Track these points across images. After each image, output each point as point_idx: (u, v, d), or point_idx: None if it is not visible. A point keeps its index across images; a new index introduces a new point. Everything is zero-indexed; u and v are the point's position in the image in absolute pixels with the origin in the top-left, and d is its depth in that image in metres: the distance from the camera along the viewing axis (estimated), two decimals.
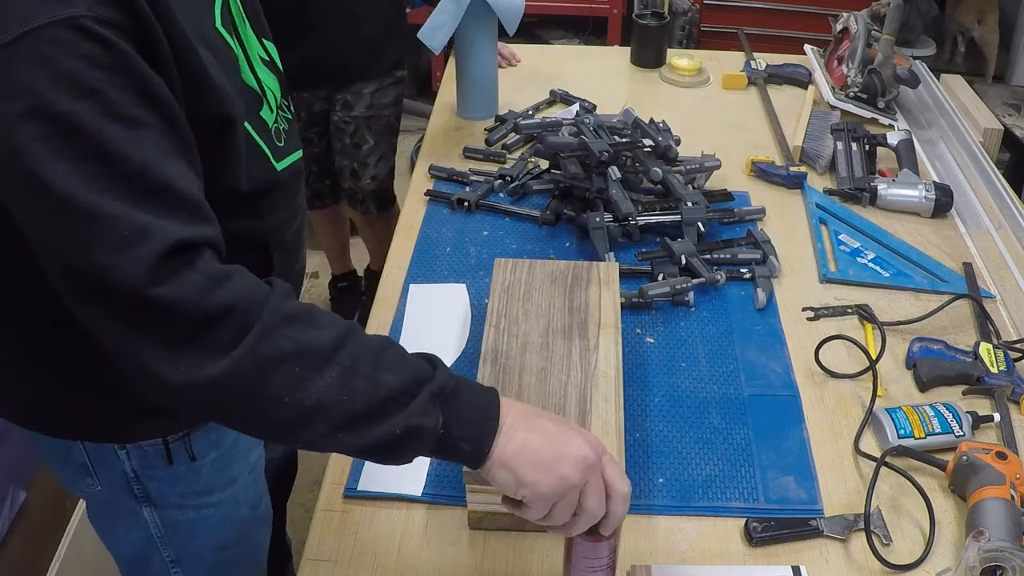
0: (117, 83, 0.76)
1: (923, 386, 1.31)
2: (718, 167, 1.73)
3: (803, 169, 1.79)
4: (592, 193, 1.59)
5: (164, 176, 0.78)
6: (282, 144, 1.07)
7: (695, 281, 1.46)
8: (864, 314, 1.42)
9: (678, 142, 1.75)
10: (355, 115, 2.22)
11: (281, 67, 1.13)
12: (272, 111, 1.06)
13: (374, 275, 2.63)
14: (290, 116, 1.12)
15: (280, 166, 1.06)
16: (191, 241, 0.78)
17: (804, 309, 1.44)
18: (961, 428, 1.21)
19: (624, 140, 1.67)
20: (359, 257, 2.78)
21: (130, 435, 1.06)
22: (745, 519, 1.10)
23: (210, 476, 1.14)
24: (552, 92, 2.08)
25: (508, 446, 0.84)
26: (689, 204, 1.57)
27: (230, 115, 0.91)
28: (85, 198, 0.74)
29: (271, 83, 1.07)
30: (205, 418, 1.05)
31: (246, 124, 0.97)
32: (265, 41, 1.10)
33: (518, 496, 0.85)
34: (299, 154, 1.13)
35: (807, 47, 2.19)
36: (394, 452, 0.83)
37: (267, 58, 1.09)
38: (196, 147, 0.85)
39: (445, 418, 0.83)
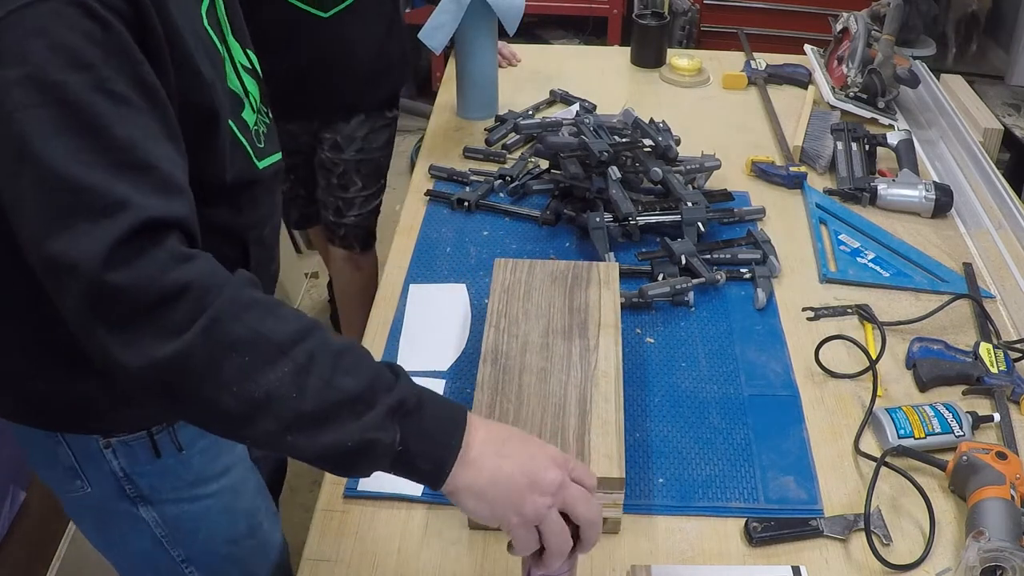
0: (111, 62, 0.77)
1: (923, 386, 1.31)
2: (718, 167, 1.73)
3: (803, 169, 1.79)
4: (592, 193, 1.59)
5: (148, 155, 0.79)
6: (263, 145, 1.09)
7: (695, 281, 1.46)
8: (864, 314, 1.42)
9: (678, 142, 1.75)
10: (344, 158, 2.06)
11: (261, 75, 1.14)
12: (254, 113, 1.08)
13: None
14: (268, 121, 1.13)
15: (262, 164, 1.07)
16: (163, 220, 0.77)
17: (804, 309, 1.44)
18: (961, 428, 1.21)
19: (624, 140, 1.67)
20: None
21: (114, 425, 1.05)
22: (745, 519, 1.10)
23: (201, 466, 1.12)
24: (552, 92, 2.08)
25: (479, 475, 0.81)
26: (689, 204, 1.57)
27: (216, 108, 0.93)
28: (68, 168, 0.75)
29: (252, 88, 1.09)
30: (159, 404, 0.91)
31: (230, 122, 0.99)
32: (247, 50, 1.11)
33: (493, 525, 0.83)
34: (278, 156, 1.14)
35: (807, 47, 2.19)
36: (347, 464, 0.80)
37: (248, 66, 1.10)
38: (182, 137, 0.86)
39: (403, 434, 0.79)
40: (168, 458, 1.09)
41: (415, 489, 1.13)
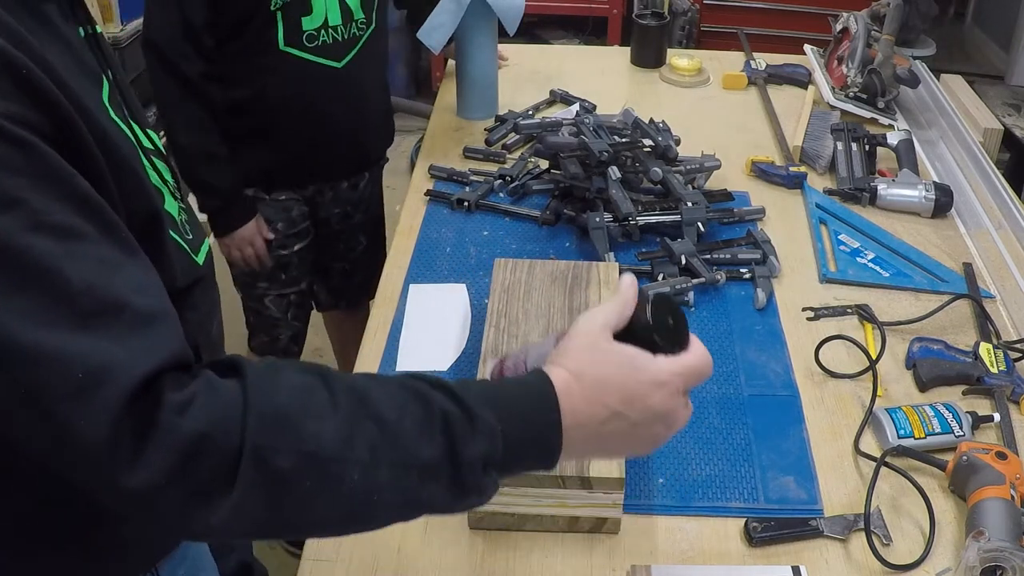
0: (40, 188, 0.62)
1: (923, 386, 1.31)
2: (718, 167, 1.73)
3: (803, 169, 1.79)
4: (592, 193, 1.59)
5: (114, 292, 0.64)
6: (191, 236, 0.94)
7: (695, 281, 1.46)
8: (864, 314, 1.42)
9: (678, 142, 1.75)
10: (353, 223, 1.96)
11: (165, 152, 0.98)
12: (175, 201, 0.93)
13: None
14: (186, 207, 0.98)
15: (201, 257, 0.94)
16: (158, 371, 0.64)
17: (804, 309, 1.44)
18: (961, 428, 1.21)
19: (624, 140, 1.67)
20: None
21: None
22: (745, 519, 1.10)
23: None
24: (552, 92, 2.08)
25: (585, 453, 0.76)
26: (689, 204, 1.57)
27: (157, 209, 0.78)
28: (24, 336, 0.60)
29: (165, 173, 0.93)
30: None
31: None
32: (147, 131, 0.93)
33: None
34: (207, 243, 1.00)
35: (807, 47, 2.19)
36: (458, 511, 0.72)
37: (152, 147, 0.92)
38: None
39: (500, 473, 0.71)
40: None
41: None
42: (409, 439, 0.67)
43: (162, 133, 1.14)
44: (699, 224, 1.55)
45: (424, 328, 1.39)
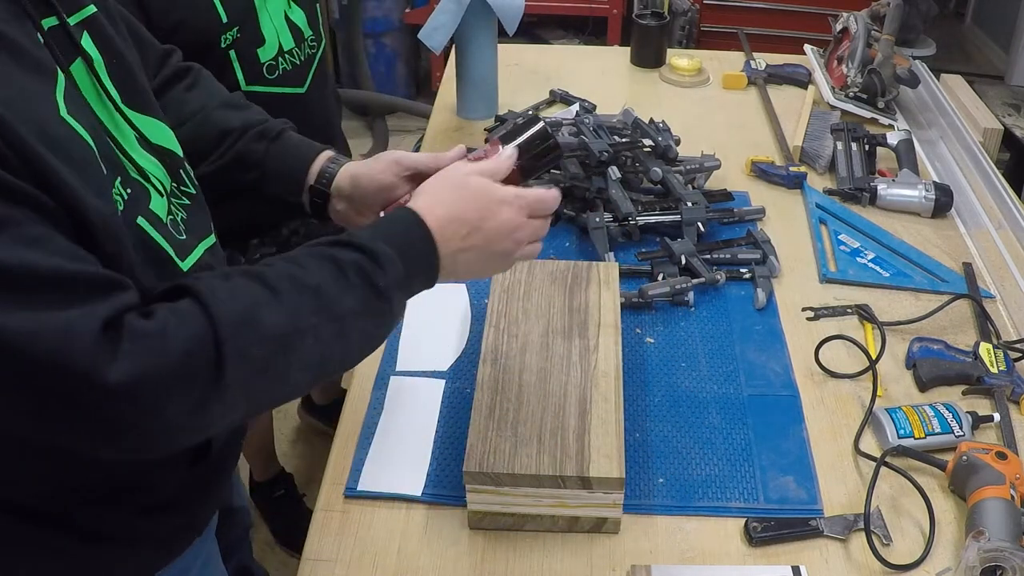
0: None
1: (923, 386, 1.31)
2: (718, 167, 1.73)
3: (803, 169, 1.79)
4: (592, 193, 1.59)
5: (51, 264, 0.70)
6: (183, 237, 0.92)
7: (695, 281, 1.46)
8: (864, 314, 1.42)
9: (678, 142, 1.75)
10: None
11: (173, 143, 0.97)
12: (163, 198, 0.91)
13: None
14: (187, 201, 0.97)
15: (187, 264, 0.92)
16: (116, 313, 0.72)
17: (804, 309, 1.44)
18: (961, 428, 1.21)
19: (624, 140, 1.67)
20: None
21: None
22: (745, 519, 1.10)
23: None
24: (552, 92, 2.08)
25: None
26: (689, 204, 1.57)
27: (91, 220, 0.77)
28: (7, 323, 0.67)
29: (153, 168, 0.91)
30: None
31: (139, 221, 0.85)
32: (146, 117, 0.94)
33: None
34: (210, 241, 0.99)
35: (807, 47, 2.19)
36: (386, 332, 0.91)
37: (145, 140, 0.92)
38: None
39: (403, 293, 0.89)
40: None
41: (415, 489, 1.14)
42: (336, 294, 0.83)
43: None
44: (699, 224, 1.55)
45: (424, 328, 1.39)
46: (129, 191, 0.85)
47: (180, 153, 0.98)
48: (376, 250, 0.86)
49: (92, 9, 0.90)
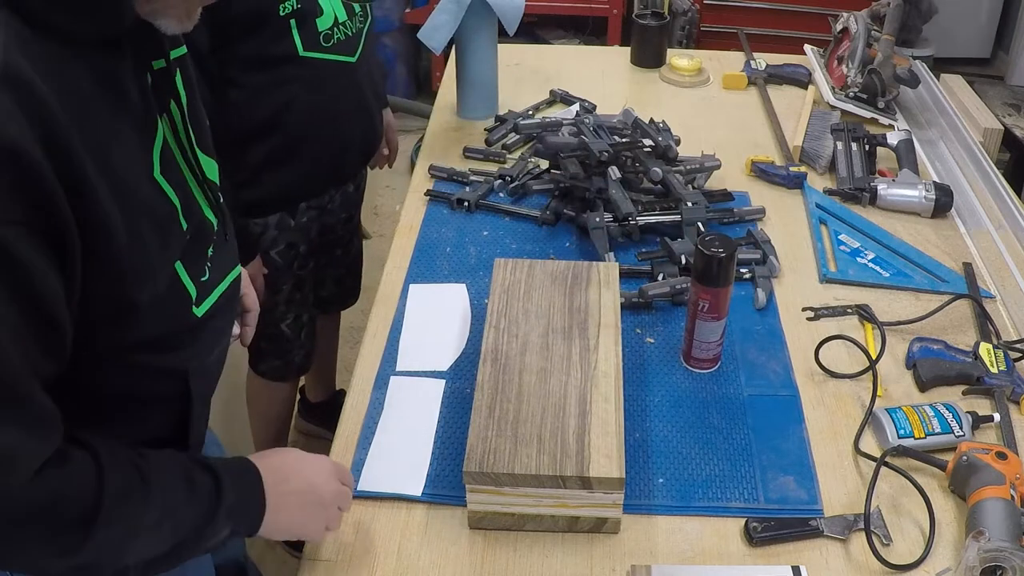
0: (5, 292, 0.72)
1: (923, 386, 1.31)
2: (718, 167, 1.73)
3: (803, 169, 1.79)
4: (592, 193, 1.59)
5: (33, 394, 0.77)
6: (206, 278, 0.96)
7: None
8: (864, 314, 1.42)
9: (678, 142, 1.75)
10: (352, 225, 1.94)
11: (216, 178, 1.03)
12: (214, 233, 0.99)
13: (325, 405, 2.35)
14: (217, 235, 1.01)
15: (202, 310, 0.95)
16: (45, 456, 0.79)
17: (804, 309, 1.44)
18: (961, 428, 1.21)
19: (624, 140, 1.67)
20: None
21: None
22: (745, 519, 1.10)
23: None
24: (552, 92, 2.08)
25: (272, 522, 0.97)
26: (689, 204, 1.57)
27: (135, 300, 0.84)
28: None
29: (216, 202, 1.00)
30: None
31: (177, 266, 0.90)
32: (206, 157, 0.99)
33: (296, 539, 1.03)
34: (236, 272, 1.04)
35: (807, 47, 2.19)
36: (194, 555, 0.93)
37: (208, 177, 0.98)
38: (69, 334, 0.80)
39: (233, 524, 0.93)
40: None
41: (415, 489, 1.14)
42: (182, 504, 0.90)
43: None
44: (699, 224, 1.55)
45: (424, 328, 1.39)
46: (190, 237, 0.91)
47: (217, 182, 1.02)
48: (221, 479, 0.93)
49: (183, 49, 0.95)
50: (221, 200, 1.02)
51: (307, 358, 1.94)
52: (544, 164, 1.76)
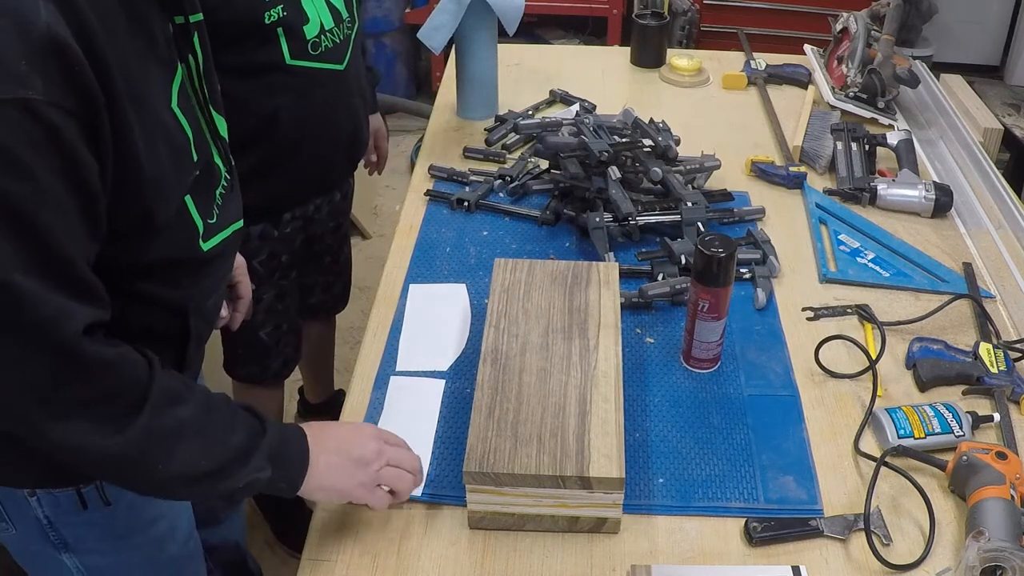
0: (55, 169, 0.78)
1: (923, 386, 1.31)
2: (718, 167, 1.73)
3: (803, 169, 1.79)
4: (592, 193, 1.59)
5: (79, 267, 0.83)
6: (215, 220, 1.05)
7: None
8: (864, 314, 1.42)
9: (678, 142, 1.75)
10: (340, 233, 1.94)
11: (227, 135, 1.11)
12: (222, 183, 1.07)
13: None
14: (226, 184, 1.10)
15: (208, 245, 1.04)
16: (94, 324, 0.85)
17: (804, 309, 1.44)
18: (961, 428, 1.21)
19: (624, 140, 1.67)
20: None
21: (39, 481, 1.05)
22: (745, 519, 1.10)
23: (128, 519, 1.13)
24: (552, 92, 2.08)
25: (315, 478, 1.01)
26: (689, 204, 1.57)
27: (152, 210, 0.91)
28: (16, 278, 0.78)
29: (219, 158, 1.08)
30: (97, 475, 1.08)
31: (187, 199, 0.97)
32: (218, 115, 1.08)
33: (344, 501, 1.08)
34: (237, 225, 1.12)
35: (807, 47, 2.19)
36: (234, 500, 0.99)
37: (217, 132, 1.08)
38: (105, 228, 0.87)
39: (274, 469, 0.98)
40: (94, 511, 1.09)
41: (415, 489, 1.13)
42: (226, 427, 0.96)
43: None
44: (699, 224, 1.55)
45: (424, 328, 1.39)
46: (200, 174, 0.99)
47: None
48: (264, 420, 1.00)
49: (200, 15, 1.03)
50: (230, 154, 1.11)
51: (286, 365, 1.91)
52: (544, 164, 1.76)
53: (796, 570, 1.05)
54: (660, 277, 1.47)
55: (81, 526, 1.10)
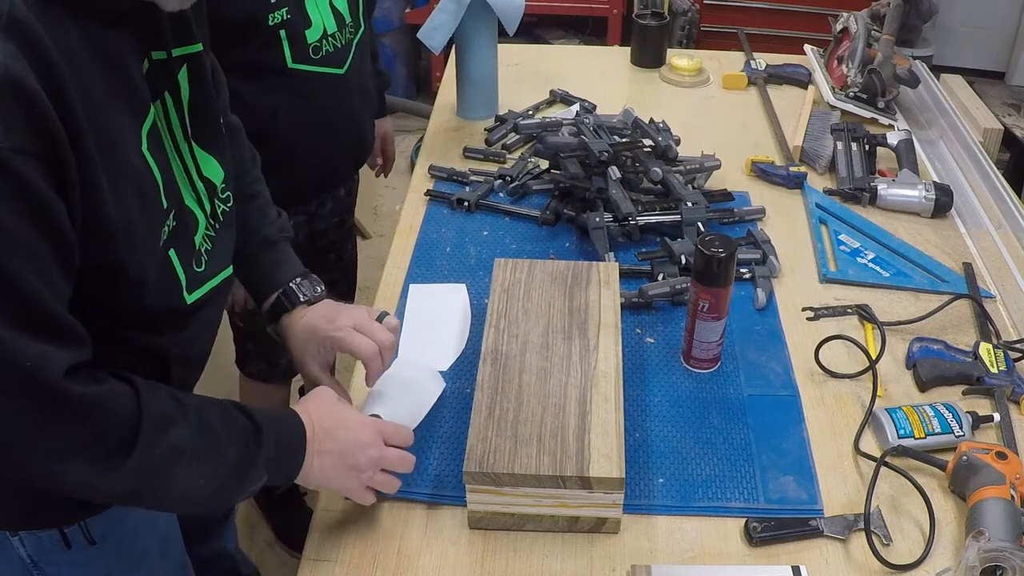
0: (23, 214, 0.76)
1: (923, 386, 1.31)
2: (718, 167, 1.73)
3: (803, 169, 1.79)
4: (592, 193, 1.59)
5: (55, 310, 0.82)
6: (202, 269, 1.02)
7: None
8: (864, 314, 1.42)
9: (678, 142, 1.75)
10: (344, 229, 1.94)
11: (218, 177, 1.07)
12: (203, 228, 1.03)
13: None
14: (214, 234, 1.06)
15: (192, 298, 1.01)
16: (76, 365, 0.83)
17: (804, 309, 1.44)
18: (961, 428, 1.21)
19: (624, 140, 1.67)
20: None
21: (21, 524, 1.05)
22: (745, 519, 1.10)
23: (114, 558, 1.12)
24: (552, 92, 2.08)
25: (307, 476, 1.03)
26: (689, 204, 1.57)
27: (123, 263, 0.88)
28: None
29: (205, 203, 1.03)
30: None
31: (171, 253, 0.96)
32: (206, 154, 1.03)
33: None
34: (227, 272, 1.08)
35: (807, 47, 2.19)
36: (231, 504, 1.01)
37: (204, 177, 1.03)
38: (77, 276, 0.86)
39: (270, 474, 0.99)
40: (78, 551, 1.07)
41: (415, 489, 1.14)
42: (224, 440, 0.95)
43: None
44: (699, 224, 1.55)
45: (424, 328, 1.39)
46: (175, 223, 0.96)
47: (220, 183, 1.06)
48: (261, 428, 0.98)
49: (199, 47, 1.00)
50: (219, 198, 1.05)
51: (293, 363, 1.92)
52: (544, 164, 1.76)
53: (796, 570, 1.05)
54: (660, 277, 1.47)
55: (66, 565, 1.08)
